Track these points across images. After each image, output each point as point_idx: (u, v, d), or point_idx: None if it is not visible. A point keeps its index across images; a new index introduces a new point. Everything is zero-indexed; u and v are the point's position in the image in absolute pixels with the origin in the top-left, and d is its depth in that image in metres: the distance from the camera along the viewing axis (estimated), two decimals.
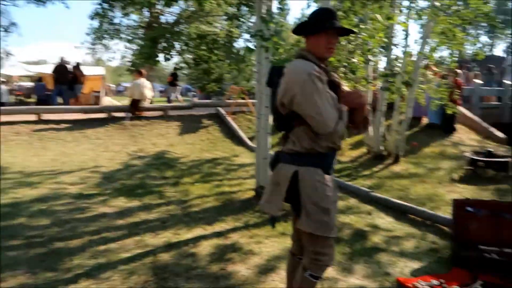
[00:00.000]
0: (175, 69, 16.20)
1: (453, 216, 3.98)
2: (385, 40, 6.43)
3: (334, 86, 2.19)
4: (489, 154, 7.06)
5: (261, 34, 4.67)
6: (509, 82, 14.23)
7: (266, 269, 3.37)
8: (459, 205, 3.97)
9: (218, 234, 4.10)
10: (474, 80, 13.68)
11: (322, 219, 2.13)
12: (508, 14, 32.46)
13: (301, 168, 2.16)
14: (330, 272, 3.34)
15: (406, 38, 8.21)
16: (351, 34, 3.75)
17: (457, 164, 7.57)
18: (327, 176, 2.19)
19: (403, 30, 8.05)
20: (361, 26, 5.65)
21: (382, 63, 8.36)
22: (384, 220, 4.73)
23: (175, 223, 4.37)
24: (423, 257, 3.75)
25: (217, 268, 3.37)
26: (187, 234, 4.08)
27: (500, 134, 10.31)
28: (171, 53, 12.86)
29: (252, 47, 5.23)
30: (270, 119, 5.01)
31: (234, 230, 4.25)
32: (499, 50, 41.02)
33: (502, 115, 13.40)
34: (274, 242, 3.90)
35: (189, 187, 5.80)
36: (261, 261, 3.52)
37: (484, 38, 38.87)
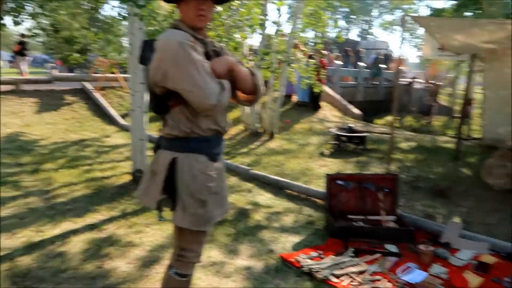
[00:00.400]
0: (23, 36, 13.90)
1: (326, 190, 4.29)
2: (262, 17, 6.49)
3: (212, 56, 1.96)
4: (350, 129, 7.84)
5: (134, 0, 4.18)
6: (363, 64, 16.04)
7: (149, 261, 3.13)
8: (331, 179, 4.29)
9: (91, 227, 3.68)
10: (335, 61, 15.01)
11: (197, 212, 1.93)
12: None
13: (180, 155, 1.92)
14: (216, 255, 3.29)
15: (279, 17, 8.47)
16: (229, 8, 3.58)
17: (324, 139, 8.24)
18: (211, 164, 1.99)
19: (277, 9, 8.26)
20: (236, 1, 5.57)
21: (256, 41, 8.52)
22: (264, 197, 4.87)
23: (37, 218, 3.77)
24: (302, 231, 3.95)
25: (92, 266, 3.00)
26: (52, 230, 3.55)
27: (356, 110, 11.59)
28: (21, 15, 10.98)
29: (124, 14, 4.68)
30: (146, 96, 4.63)
31: (109, 220, 3.86)
32: (353, 34, 45.92)
33: (357, 94, 15.09)
34: (156, 231, 3.67)
35: (52, 174, 5.08)
36: (142, 253, 3.26)
37: (341, 23, 43.03)
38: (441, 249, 3.53)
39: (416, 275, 3.14)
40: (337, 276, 3.04)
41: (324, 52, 12.03)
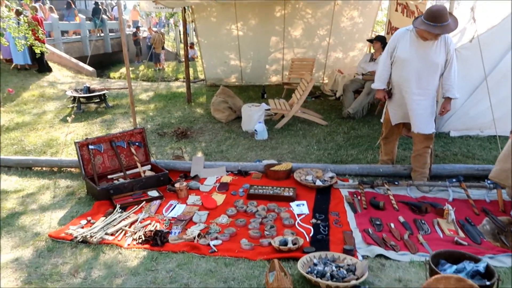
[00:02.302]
0: None
1: (78, 158, 4.27)
2: None
3: None
4: (88, 89, 7.63)
5: None
6: (83, 16, 15.08)
7: None
8: (81, 145, 4.27)
9: None
10: (50, 14, 13.55)
11: None
12: None
13: None
14: None
15: None
16: None
17: (61, 104, 7.73)
18: None
19: None
20: None
21: None
22: (10, 182, 4.41)
23: None
24: (64, 204, 3.90)
25: None
26: None
27: (89, 67, 11.13)
28: None
29: None
30: None
31: None
32: None
33: (84, 49, 14.31)
34: None
35: None
36: None
37: None
38: (193, 182, 4.26)
39: (178, 209, 3.74)
40: (112, 234, 3.29)
41: (36, 4, 10.69)
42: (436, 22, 3.51)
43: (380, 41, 6.81)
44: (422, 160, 4.09)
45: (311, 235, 3.23)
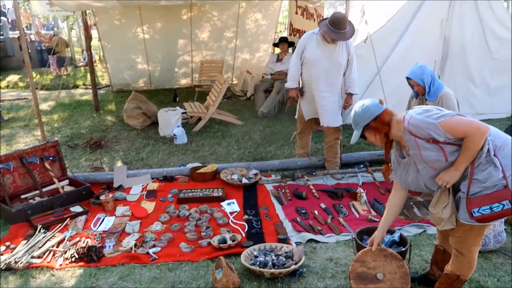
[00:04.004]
0: None
1: None
2: None
3: None
4: None
5: None
6: (4, 19, 13.44)
7: None
8: None
9: None
10: None
11: None
12: None
13: None
14: None
15: None
16: None
17: None
18: None
19: None
20: None
21: None
22: None
23: None
24: None
25: None
26: None
27: None
28: None
29: None
30: None
31: None
32: None
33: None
34: None
35: None
36: None
37: None
38: (118, 193, 4.16)
39: (107, 222, 3.64)
40: (39, 256, 3.09)
41: None
42: (336, 28, 3.95)
43: (286, 42, 7.29)
44: (334, 151, 4.55)
45: (246, 230, 3.42)
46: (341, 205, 3.83)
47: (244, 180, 4.30)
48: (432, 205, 2.20)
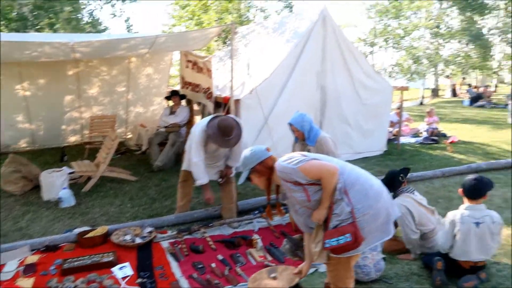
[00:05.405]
0: None
1: None
2: None
3: None
4: None
5: None
6: None
7: None
8: None
9: None
10: None
11: None
12: None
13: None
14: None
15: None
16: None
17: None
18: None
19: None
20: None
21: None
22: None
23: None
24: None
25: None
26: None
27: None
28: None
29: None
30: None
31: None
32: None
33: None
34: None
35: None
36: None
37: None
38: None
39: None
40: None
41: None
42: (224, 136, 4.12)
43: (177, 95, 7.41)
44: (229, 196, 4.62)
45: None
46: (238, 254, 3.85)
47: (138, 240, 4.10)
48: (312, 241, 2.38)
